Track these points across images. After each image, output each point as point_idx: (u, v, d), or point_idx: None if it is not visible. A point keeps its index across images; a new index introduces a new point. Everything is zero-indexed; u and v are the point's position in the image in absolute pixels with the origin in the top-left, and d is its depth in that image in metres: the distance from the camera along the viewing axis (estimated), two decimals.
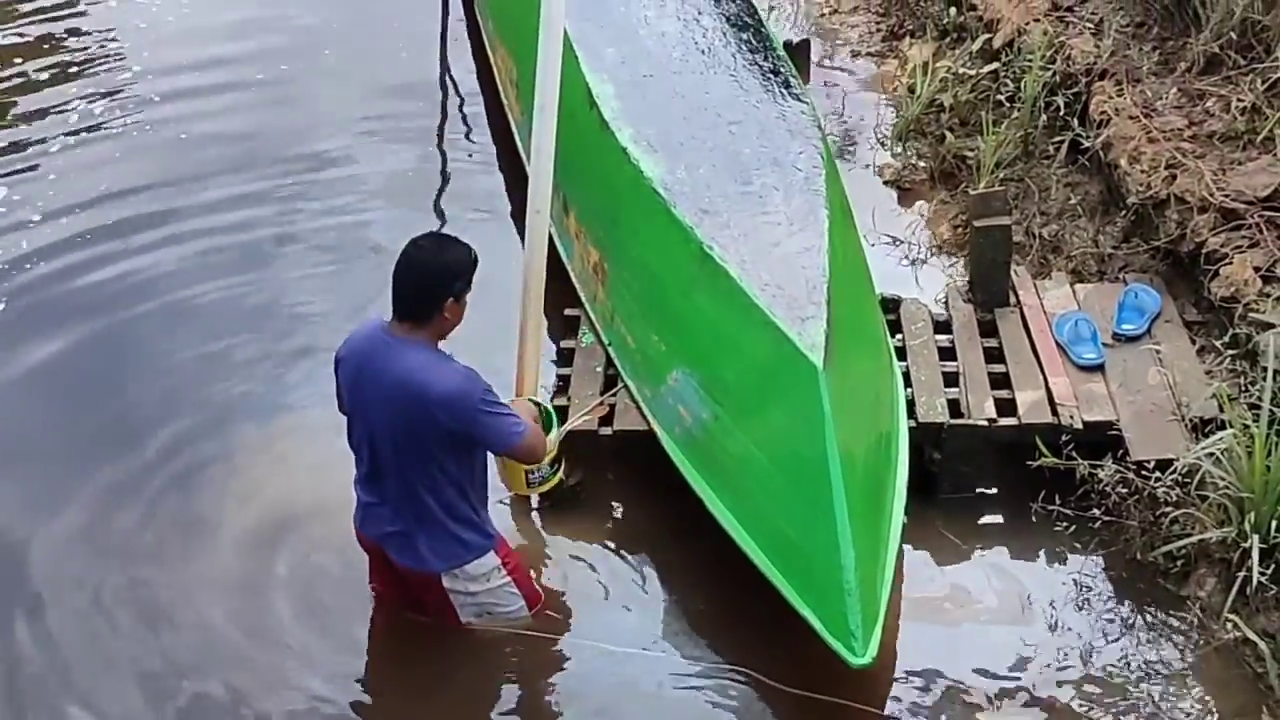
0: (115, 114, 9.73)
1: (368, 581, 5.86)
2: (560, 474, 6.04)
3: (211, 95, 9.93)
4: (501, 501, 6.19)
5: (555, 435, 5.92)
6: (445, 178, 9.05)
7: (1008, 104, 8.51)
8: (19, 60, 10.42)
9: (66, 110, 9.74)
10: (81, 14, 11.14)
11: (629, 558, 6.25)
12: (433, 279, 5.16)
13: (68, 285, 8.03)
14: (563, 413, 6.34)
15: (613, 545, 6.31)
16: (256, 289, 8.02)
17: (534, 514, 6.42)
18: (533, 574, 5.87)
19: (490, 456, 5.59)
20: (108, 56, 10.49)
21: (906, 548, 5.97)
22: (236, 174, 9.04)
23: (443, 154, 9.30)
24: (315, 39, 10.64)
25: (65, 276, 8.09)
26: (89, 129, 9.55)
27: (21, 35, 10.79)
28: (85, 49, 10.60)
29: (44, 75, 10.23)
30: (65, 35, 10.82)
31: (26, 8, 11.23)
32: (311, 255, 8.30)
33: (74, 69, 10.32)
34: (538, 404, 5.99)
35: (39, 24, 10.99)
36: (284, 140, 9.37)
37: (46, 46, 10.63)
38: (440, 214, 8.63)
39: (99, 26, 10.94)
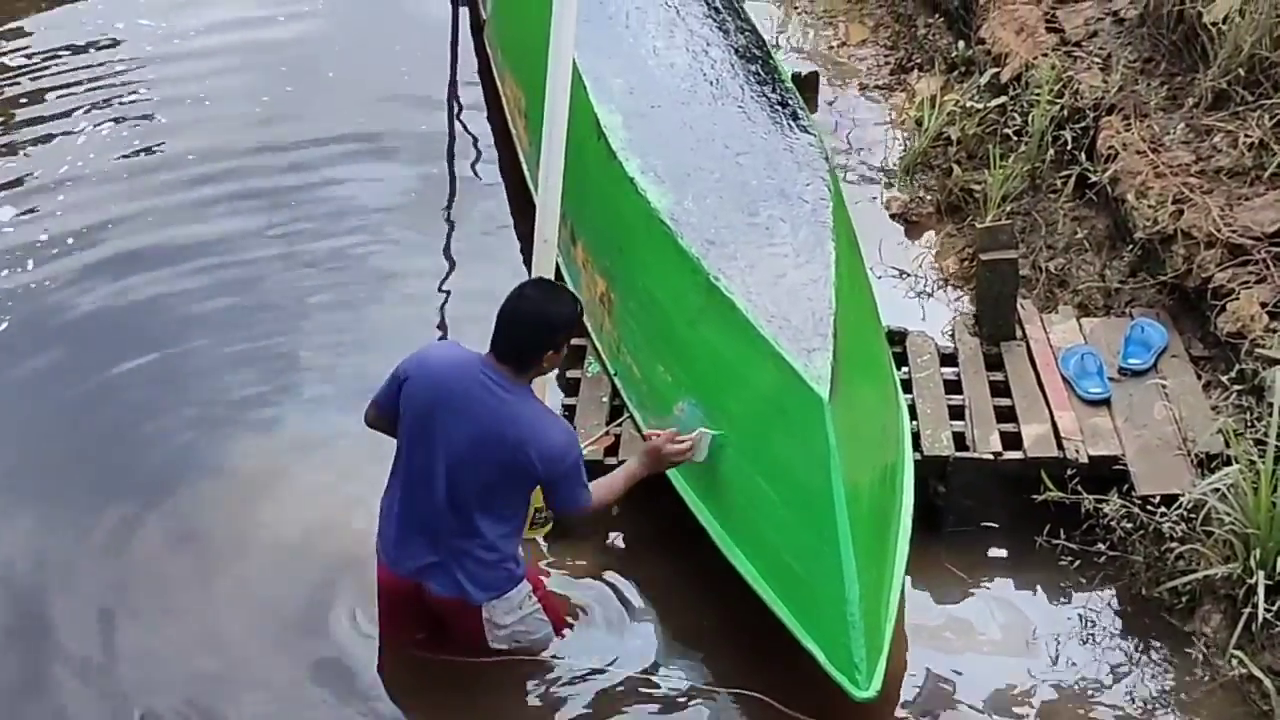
0: (122, 136, 9.76)
1: (378, 628, 5.80)
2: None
3: (216, 118, 9.96)
4: None
5: None
6: (453, 205, 9.06)
7: (1015, 138, 8.52)
8: (26, 83, 10.45)
9: (74, 133, 9.76)
10: (89, 40, 11.15)
11: (635, 585, 6.23)
12: (540, 331, 5.21)
13: (71, 305, 8.05)
14: None
15: (618, 573, 6.29)
16: (261, 311, 8.03)
17: (541, 541, 6.41)
18: (556, 597, 5.87)
19: None
20: (114, 80, 10.52)
21: (910, 580, 5.96)
22: (241, 196, 9.07)
23: (451, 182, 9.31)
24: (322, 67, 10.67)
25: (68, 296, 8.10)
26: (96, 151, 9.56)
27: (29, 59, 10.81)
28: (92, 73, 10.61)
29: (51, 97, 10.25)
30: (72, 59, 10.83)
31: (31, 29, 11.28)
32: (317, 278, 8.31)
33: (81, 92, 10.33)
34: None
35: (45, 48, 11.01)
36: (291, 166, 9.38)
37: (53, 70, 10.65)
38: (448, 242, 8.65)
39: (106, 51, 10.96)
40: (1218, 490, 5.85)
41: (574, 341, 6.85)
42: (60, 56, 10.83)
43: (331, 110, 10.01)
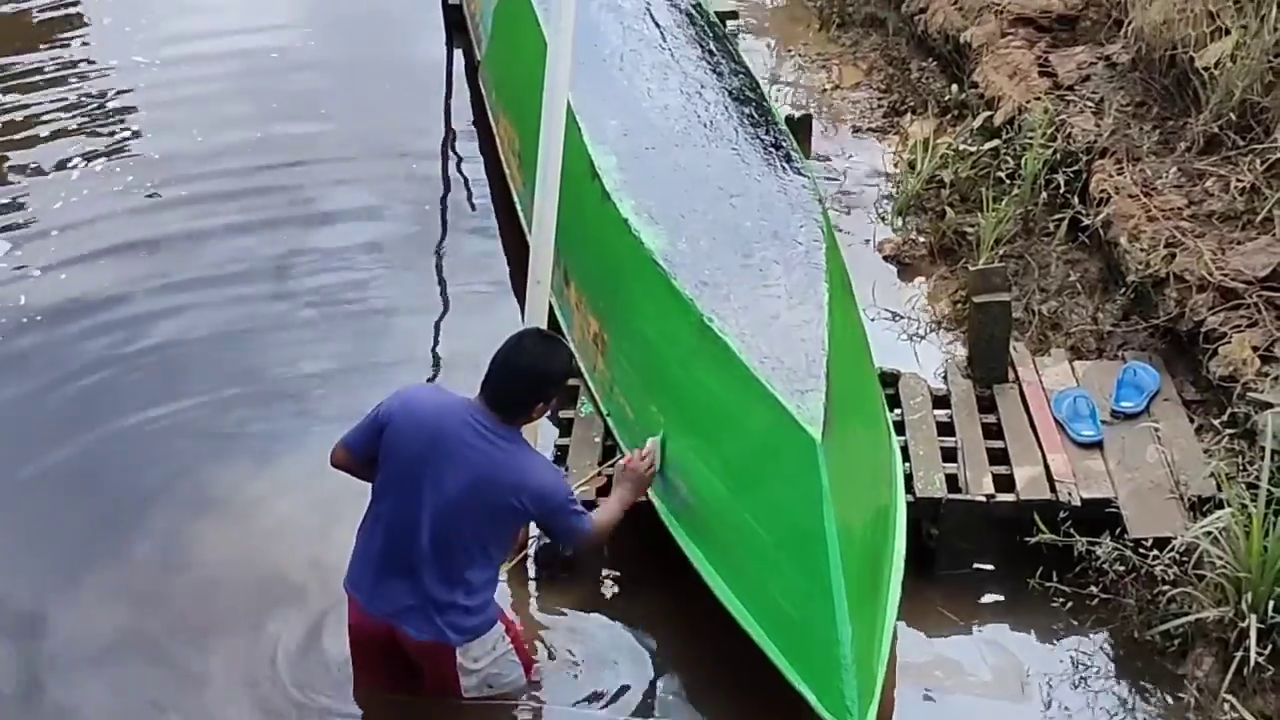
0: (115, 172, 9.81)
1: (353, 678, 5.78)
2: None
3: (209, 156, 10.00)
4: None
5: None
6: (445, 245, 9.08)
7: (1008, 181, 8.55)
8: (20, 118, 10.51)
9: (68, 168, 9.82)
10: (83, 75, 11.22)
11: (625, 627, 6.22)
12: (532, 384, 5.26)
13: (63, 339, 8.08)
14: None
15: (609, 614, 6.28)
16: (249, 346, 8.05)
17: (531, 583, 6.40)
18: (523, 638, 5.83)
19: None
20: (108, 116, 10.59)
21: (903, 623, 5.96)
22: (234, 232, 9.11)
23: (444, 221, 9.34)
24: (316, 104, 10.71)
25: (61, 331, 8.14)
26: (89, 187, 9.62)
27: (23, 93, 10.88)
28: (86, 108, 10.69)
29: (45, 133, 10.32)
30: (68, 93, 10.91)
31: (28, 66, 11.34)
32: (308, 314, 8.34)
33: (74, 128, 10.41)
34: None
35: (40, 83, 11.10)
36: (283, 202, 9.42)
37: (48, 105, 10.72)
38: (440, 280, 8.66)
39: (100, 87, 11.04)
40: (1210, 534, 5.84)
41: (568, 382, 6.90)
42: (53, 91, 10.89)
43: (325, 147, 10.05)
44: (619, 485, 5.88)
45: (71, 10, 12.46)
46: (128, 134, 10.30)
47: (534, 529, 6.00)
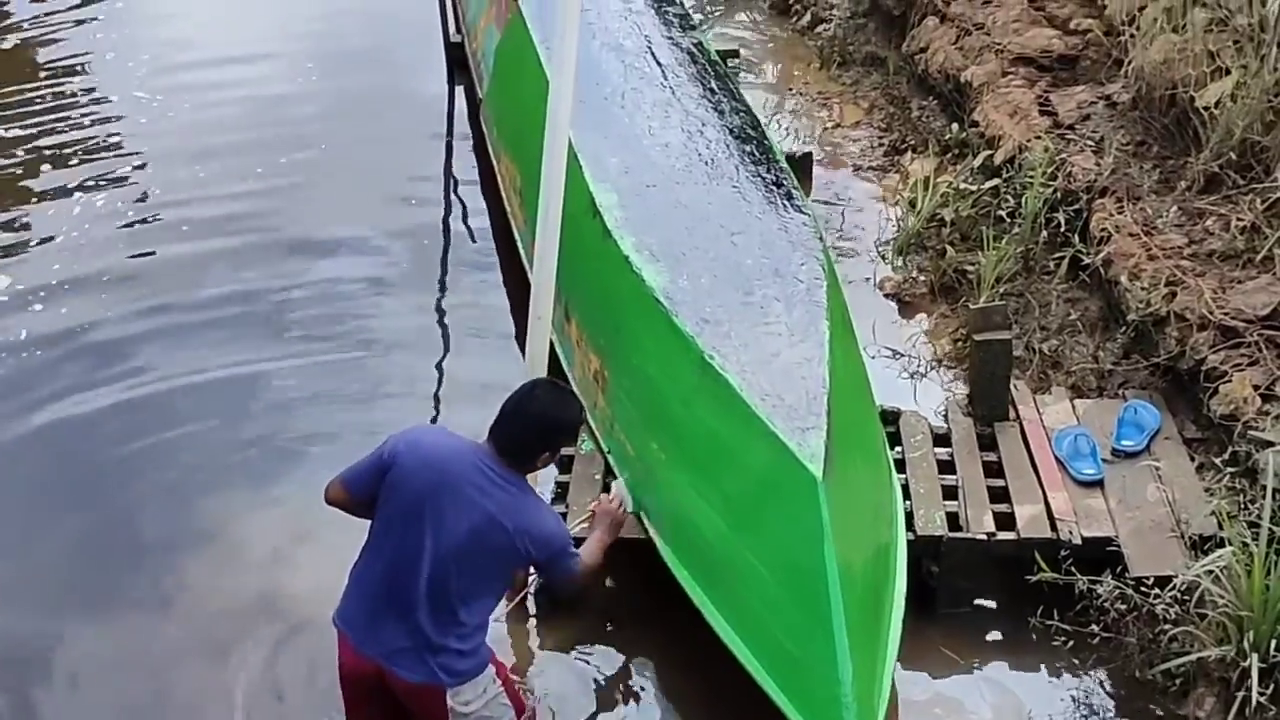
0: (117, 204, 9.89)
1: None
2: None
3: (210, 187, 10.08)
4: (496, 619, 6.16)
5: None
6: (447, 281, 9.10)
7: (1009, 219, 8.56)
8: (22, 152, 10.59)
9: (70, 200, 9.89)
10: (85, 109, 11.29)
11: (627, 665, 6.21)
12: (542, 433, 5.27)
13: (60, 368, 8.17)
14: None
15: (611, 652, 6.28)
16: (249, 381, 8.08)
17: (531, 620, 6.39)
18: (514, 680, 5.78)
19: None
20: (109, 149, 10.67)
21: (903, 661, 5.93)
22: (234, 265, 9.17)
23: (445, 258, 9.35)
24: (318, 140, 10.77)
25: (58, 360, 8.23)
26: (90, 222, 9.69)
27: (24, 127, 10.96)
28: (88, 141, 10.77)
29: (47, 166, 10.40)
30: (68, 128, 10.99)
31: (29, 98, 11.41)
32: (309, 350, 8.36)
33: (76, 160, 10.49)
34: None
35: (42, 116, 11.18)
36: (284, 236, 9.49)
37: (50, 138, 10.80)
38: (441, 316, 8.67)
39: (101, 121, 11.11)
40: (1211, 572, 5.84)
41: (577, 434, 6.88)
42: (55, 127, 10.93)
43: (325, 183, 10.10)
44: (595, 527, 5.90)
45: (74, 45, 12.50)
46: (128, 167, 10.37)
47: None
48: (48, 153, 10.56)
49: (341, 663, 5.44)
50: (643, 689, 6.13)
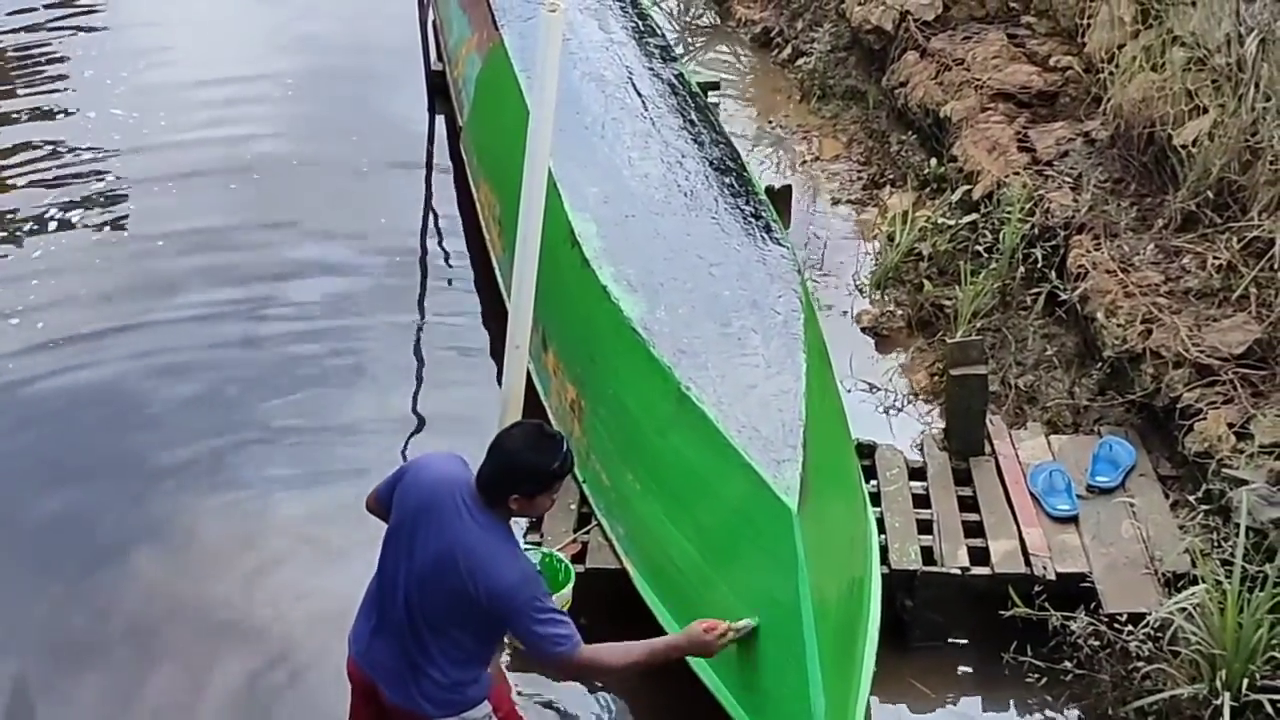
0: (91, 221, 9.89)
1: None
2: None
3: (185, 206, 10.08)
4: None
5: (567, 591, 5.87)
6: (424, 309, 9.07)
7: (986, 254, 8.58)
8: None
9: (44, 218, 9.89)
10: (61, 127, 11.25)
11: (600, 698, 6.18)
12: (505, 473, 5.06)
13: (35, 383, 8.20)
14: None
15: (584, 685, 6.23)
16: (224, 401, 8.10)
17: (505, 655, 6.36)
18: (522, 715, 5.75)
19: None
20: (83, 165, 10.65)
21: (876, 696, 5.92)
22: (208, 284, 9.18)
23: (423, 285, 9.33)
24: (293, 164, 10.74)
25: (33, 375, 8.26)
26: (67, 235, 9.72)
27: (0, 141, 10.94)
28: (64, 157, 10.75)
29: (20, 182, 10.38)
30: (42, 144, 10.94)
31: (6, 113, 11.39)
32: (284, 373, 8.35)
33: (50, 176, 10.48)
34: (552, 557, 5.97)
35: (16, 130, 11.15)
36: (262, 264, 9.43)
37: (23, 153, 10.77)
38: (418, 344, 8.66)
39: (75, 137, 11.06)
40: (1184, 610, 5.85)
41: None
42: (31, 144, 10.90)
43: (302, 207, 10.06)
44: (677, 634, 5.39)
45: (52, 59, 12.48)
46: (103, 184, 10.37)
47: None
48: (20, 168, 10.55)
49: (347, 669, 5.45)
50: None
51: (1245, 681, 5.58)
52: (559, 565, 5.97)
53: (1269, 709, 5.52)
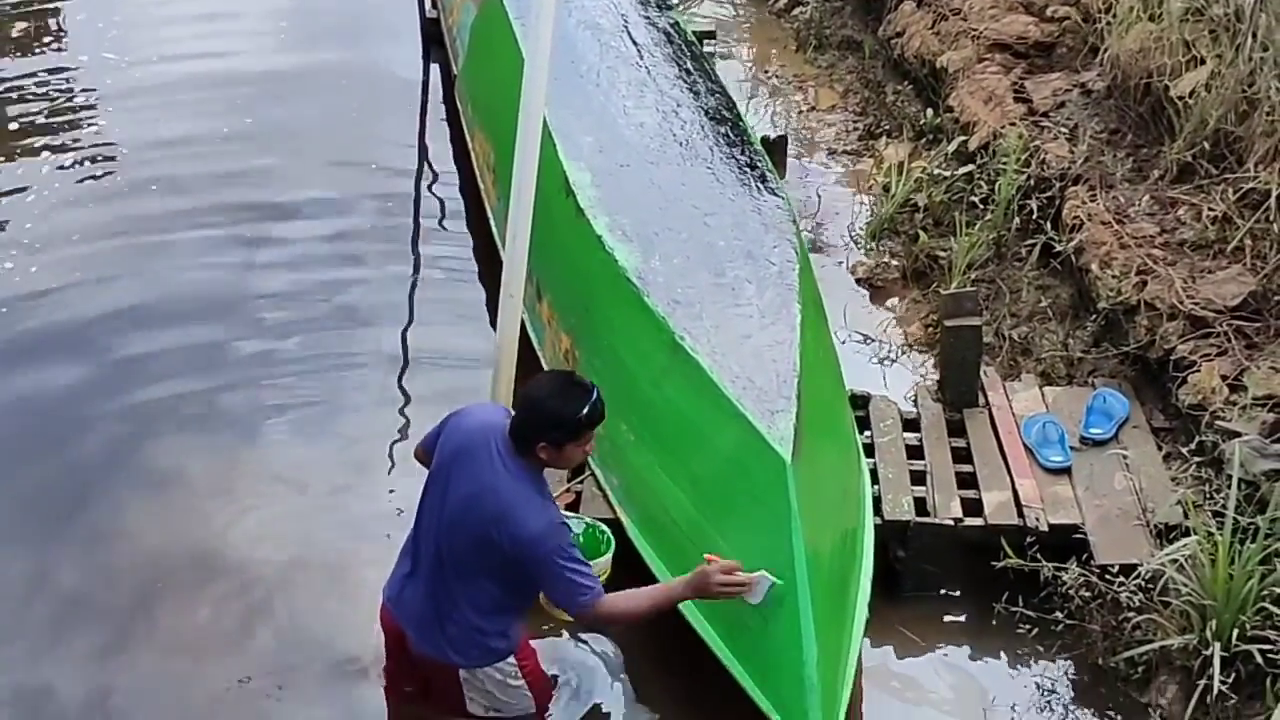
0: (85, 164, 9.91)
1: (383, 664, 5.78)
2: None
3: (177, 148, 10.11)
4: None
5: (607, 559, 5.83)
6: (419, 258, 9.06)
7: (981, 206, 8.58)
8: None
9: (37, 159, 9.94)
10: (52, 71, 11.27)
11: (593, 647, 6.19)
12: (531, 420, 5.09)
13: (31, 330, 8.22)
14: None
15: (576, 633, 6.24)
16: (219, 352, 8.07)
17: None
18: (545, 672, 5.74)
19: None
20: (78, 109, 10.70)
21: (868, 645, 5.95)
22: (200, 225, 9.19)
23: (416, 234, 9.33)
24: (286, 111, 10.77)
25: (28, 322, 8.29)
26: (60, 178, 9.73)
27: None
28: (56, 101, 10.79)
29: (13, 127, 10.40)
30: (35, 91, 10.96)
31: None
32: (278, 324, 8.34)
33: (44, 120, 10.50)
34: (595, 527, 5.98)
35: (7, 80, 11.12)
36: (255, 214, 9.42)
37: (18, 99, 10.78)
38: (412, 294, 8.65)
39: (70, 82, 11.10)
40: (1176, 561, 5.86)
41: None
42: (22, 88, 10.90)
43: (297, 155, 10.07)
44: (678, 579, 5.31)
45: (44, 3, 12.46)
46: (96, 128, 10.39)
47: None
48: (15, 112, 10.55)
49: (380, 618, 5.51)
50: (611, 671, 6.09)
51: (1235, 632, 5.59)
52: (601, 535, 5.95)
53: (1259, 659, 5.54)
